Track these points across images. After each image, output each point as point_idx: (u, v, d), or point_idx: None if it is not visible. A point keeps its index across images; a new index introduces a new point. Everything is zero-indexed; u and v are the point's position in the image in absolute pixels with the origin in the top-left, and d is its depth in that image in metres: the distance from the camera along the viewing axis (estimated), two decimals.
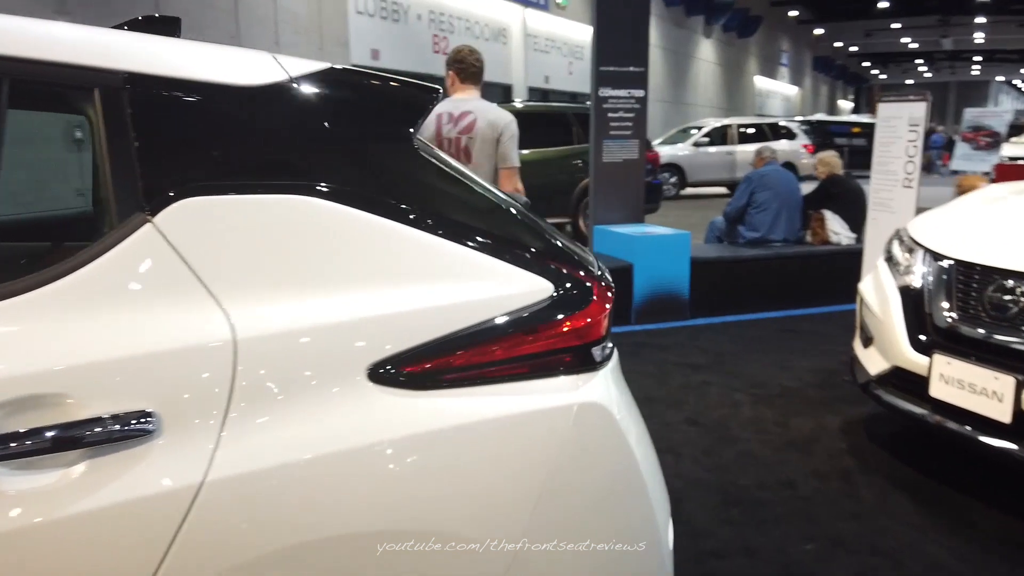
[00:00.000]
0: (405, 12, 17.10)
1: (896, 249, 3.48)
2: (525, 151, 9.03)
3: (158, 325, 1.06)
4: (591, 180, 6.28)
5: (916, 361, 3.00)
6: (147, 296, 1.07)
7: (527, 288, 1.30)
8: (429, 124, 3.75)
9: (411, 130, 1.33)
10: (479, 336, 1.23)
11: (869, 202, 4.71)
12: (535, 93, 20.75)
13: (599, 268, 1.48)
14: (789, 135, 18.06)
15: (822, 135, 19.45)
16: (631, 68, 6.10)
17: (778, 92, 42.27)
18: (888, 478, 3.19)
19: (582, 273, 1.38)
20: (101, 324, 1.04)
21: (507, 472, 1.22)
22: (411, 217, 1.24)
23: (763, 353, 5.01)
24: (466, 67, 3.83)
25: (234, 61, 1.25)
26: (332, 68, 1.34)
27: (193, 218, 1.11)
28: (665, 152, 17.09)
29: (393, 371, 1.17)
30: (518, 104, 11.96)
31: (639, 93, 6.17)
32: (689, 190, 17.25)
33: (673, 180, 16.88)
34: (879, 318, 3.28)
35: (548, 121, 10.44)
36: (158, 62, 1.17)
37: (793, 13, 38.93)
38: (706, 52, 32.00)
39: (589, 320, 1.33)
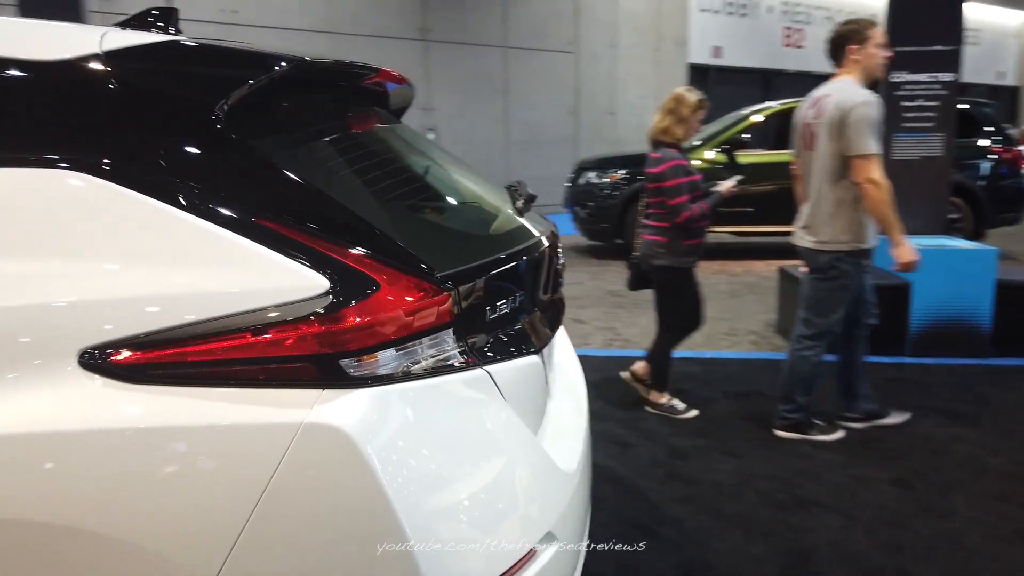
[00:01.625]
0: (755, 5, 16.25)
1: None
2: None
3: None
4: None
5: None
6: None
7: (287, 283, 1.13)
8: (799, 110, 3.53)
9: (215, 106, 1.24)
10: (209, 332, 1.10)
11: None
12: None
13: (435, 271, 1.23)
14: None
15: None
16: (937, 47, 5.04)
17: None
18: None
19: (371, 272, 1.17)
20: None
21: (210, 489, 1.08)
22: (171, 196, 1.16)
23: None
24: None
25: (43, 37, 1.28)
26: (157, 43, 1.30)
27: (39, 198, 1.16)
28: None
29: (106, 359, 1.10)
30: None
31: (947, 77, 5.07)
32: None
33: None
34: None
35: None
36: None
37: None
38: None
39: (341, 326, 1.12)
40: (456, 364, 1.26)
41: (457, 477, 1.21)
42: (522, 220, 1.73)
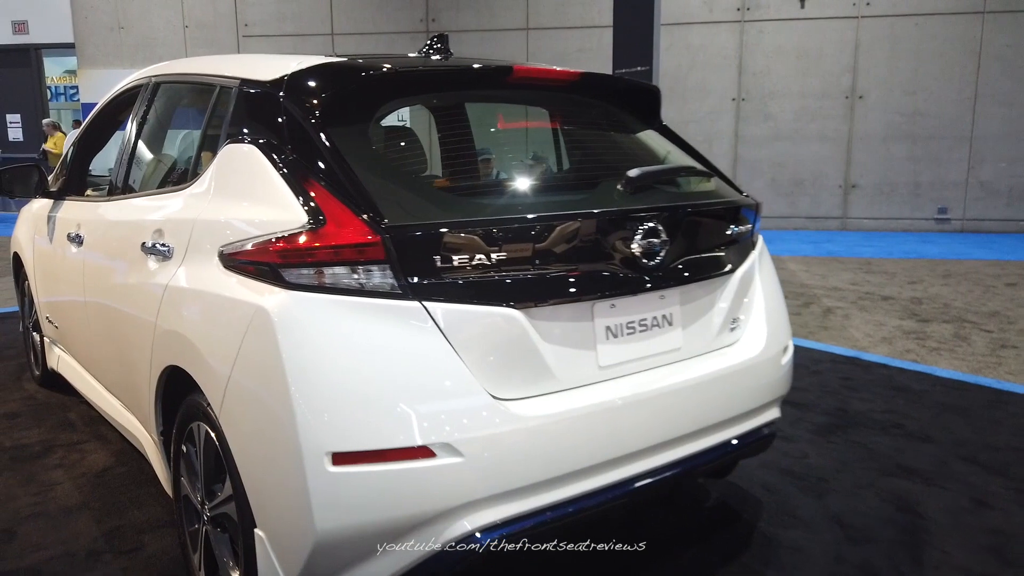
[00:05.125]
0: None
1: None
2: None
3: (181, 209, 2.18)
4: None
5: None
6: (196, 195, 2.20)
7: (290, 218, 1.76)
8: None
9: (312, 104, 1.92)
10: (249, 246, 1.82)
11: None
12: None
13: (384, 220, 1.69)
14: None
15: None
16: None
17: None
18: None
19: (330, 215, 1.71)
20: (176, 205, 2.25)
21: (228, 331, 1.82)
22: (275, 163, 1.90)
23: None
24: None
25: (265, 66, 2.13)
26: (309, 67, 2.00)
27: (227, 158, 2.13)
28: None
29: (223, 254, 1.93)
30: None
31: None
32: None
33: None
34: None
35: None
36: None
37: None
38: None
39: (283, 248, 1.71)
40: (385, 291, 1.69)
41: (351, 362, 1.65)
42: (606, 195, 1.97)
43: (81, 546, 2.52)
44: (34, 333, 4.08)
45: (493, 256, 1.77)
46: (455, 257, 1.73)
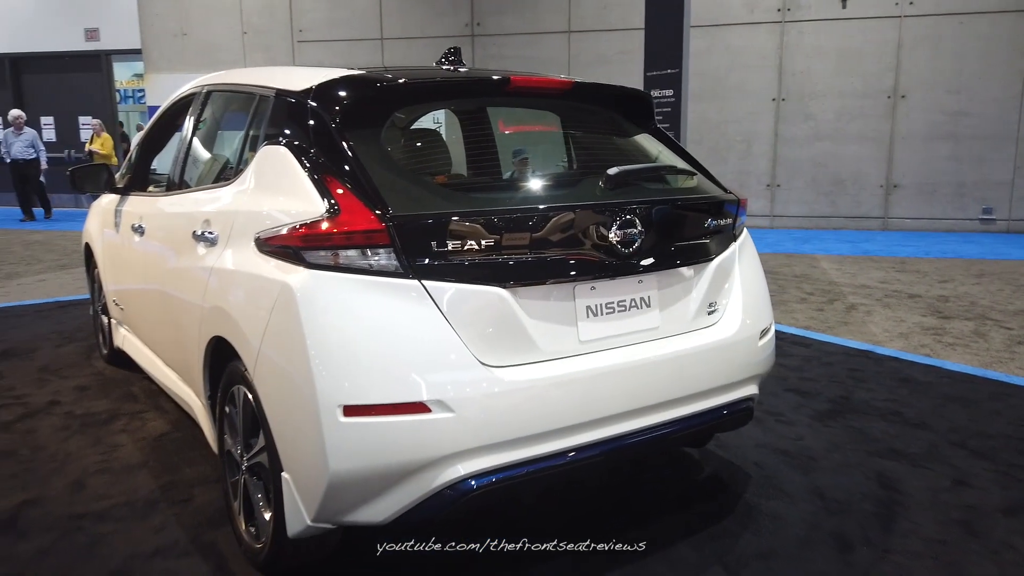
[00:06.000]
0: None
1: None
2: None
3: (228, 202, 2.52)
4: None
5: None
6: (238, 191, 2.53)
7: (313, 209, 2.08)
8: None
9: (333, 112, 2.24)
10: (280, 233, 2.14)
11: None
12: None
13: (389, 210, 1.99)
14: None
15: None
16: None
17: None
18: None
19: (344, 206, 2.02)
20: (225, 198, 2.58)
21: (260, 304, 2.14)
22: (302, 162, 2.22)
23: None
24: None
25: (301, 76, 2.45)
26: (331, 80, 2.33)
27: (264, 157, 2.47)
28: None
29: (257, 240, 2.26)
30: None
31: None
32: None
33: None
34: None
35: None
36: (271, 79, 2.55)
37: None
38: None
39: (305, 233, 2.02)
40: (389, 271, 1.99)
41: (360, 330, 1.95)
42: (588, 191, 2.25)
43: (140, 497, 2.89)
44: (102, 316, 4.52)
45: (483, 243, 2.05)
46: (451, 243, 2.02)
